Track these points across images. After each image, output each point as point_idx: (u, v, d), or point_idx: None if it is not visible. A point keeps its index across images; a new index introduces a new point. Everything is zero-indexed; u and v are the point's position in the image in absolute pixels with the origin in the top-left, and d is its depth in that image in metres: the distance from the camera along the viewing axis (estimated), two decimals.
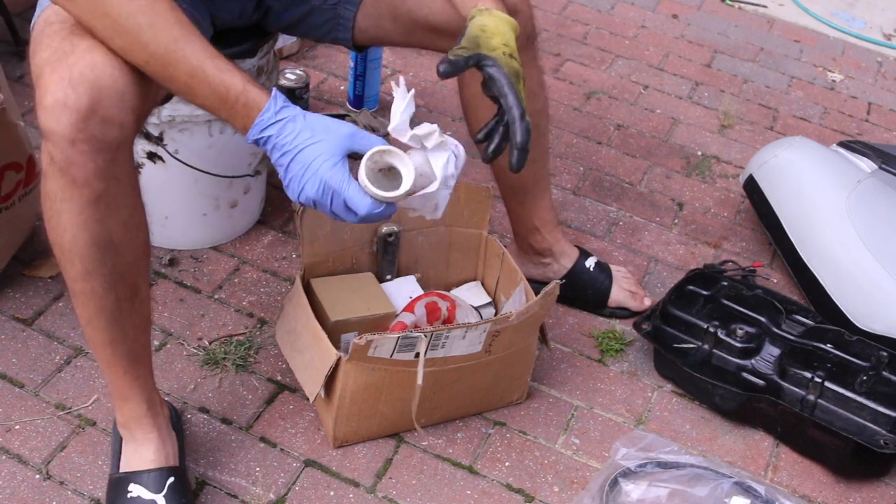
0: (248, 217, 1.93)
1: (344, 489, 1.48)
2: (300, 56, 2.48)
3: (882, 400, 1.60)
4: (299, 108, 1.15)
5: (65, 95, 1.10)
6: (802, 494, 1.58)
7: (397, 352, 1.41)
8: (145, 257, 1.28)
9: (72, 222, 1.16)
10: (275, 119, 1.13)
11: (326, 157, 1.12)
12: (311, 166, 1.12)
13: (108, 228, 1.18)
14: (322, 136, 1.13)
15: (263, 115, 1.13)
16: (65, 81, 1.10)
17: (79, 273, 1.21)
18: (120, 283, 1.24)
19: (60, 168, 1.13)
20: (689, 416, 1.69)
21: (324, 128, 1.14)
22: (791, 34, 3.01)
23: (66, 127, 1.10)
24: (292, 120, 1.13)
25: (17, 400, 1.55)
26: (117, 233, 1.19)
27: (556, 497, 1.52)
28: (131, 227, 1.22)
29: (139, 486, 1.35)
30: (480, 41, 1.23)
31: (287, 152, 1.13)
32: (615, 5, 3.00)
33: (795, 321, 1.76)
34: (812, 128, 2.56)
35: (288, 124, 1.13)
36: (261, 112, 1.13)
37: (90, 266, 1.20)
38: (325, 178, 1.12)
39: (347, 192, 1.13)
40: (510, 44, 1.25)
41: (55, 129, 1.10)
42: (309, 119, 1.14)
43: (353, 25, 1.58)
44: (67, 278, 1.23)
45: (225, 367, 1.65)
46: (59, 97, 1.10)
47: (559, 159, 2.26)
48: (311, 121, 1.14)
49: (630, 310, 1.85)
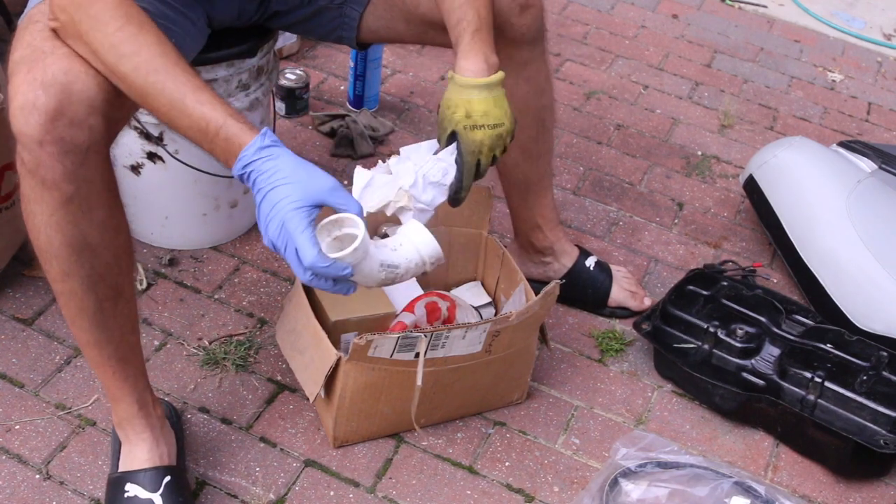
0: (248, 217, 1.93)
1: (344, 489, 1.48)
2: (300, 56, 2.48)
3: (882, 400, 1.60)
4: (287, 150, 1.11)
5: (35, 97, 1.10)
6: (802, 494, 1.58)
7: (397, 352, 1.41)
8: (127, 258, 1.27)
9: (45, 223, 1.17)
10: (257, 156, 1.09)
11: (294, 199, 1.08)
12: (277, 205, 1.08)
13: (81, 230, 1.18)
14: (298, 179, 1.09)
15: (247, 150, 1.10)
16: (37, 82, 1.10)
17: (57, 274, 1.21)
18: (100, 284, 1.23)
19: (30, 169, 1.13)
20: (689, 416, 1.69)
21: (305, 172, 1.10)
22: (791, 34, 3.01)
23: (34, 128, 1.10)
24: (274, 158, 1.09)
25: (17, 400, 1.55)
26: (92, 235, 1.19)
27: (556, 497, 1.52)
28: (108, 229, 1.21)
29: (136, 485, 1.36)
30: (445, 117, 1.32)
31: (260, 189, 1.09)
32: (615, 5, 3.00)
33: (795, 321, 1.76)
34: (812, 128, 2.56)
35: (268, 161, 1.09)
36: (244, 147, 1.10)
37: (66, 267, 1.20)
38: (284, 220, 1.07)
39: (299, 238, 1.07)
40: (471, 112, 1.31)
41: (23, 130, 1.10)
42: (293, 161, 1.10)
43: (358, 25, 1.57)
44: (48, 279, 1.23)
45: (225, 367, 1.65)
46: (29, 98, 1.10)
47: (559, 159, 2.26)
48: (293, 162, 1.10)
49: (630, 310, 1.85)
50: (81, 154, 1.13)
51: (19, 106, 1.10)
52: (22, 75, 1.11)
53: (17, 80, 1.12)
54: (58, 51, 1.13)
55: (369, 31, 1.59)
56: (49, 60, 1.11)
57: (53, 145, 1.11)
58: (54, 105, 1.10)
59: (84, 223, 1.17)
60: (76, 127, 1.11)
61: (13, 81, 1.12)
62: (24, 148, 1.12)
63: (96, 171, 1.16)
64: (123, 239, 1.25)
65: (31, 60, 1.12)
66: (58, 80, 1.10)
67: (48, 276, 1.23)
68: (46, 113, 1.09)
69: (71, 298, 1.24)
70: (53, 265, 1.20)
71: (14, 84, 1.12)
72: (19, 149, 1.13)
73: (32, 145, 1.11)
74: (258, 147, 1.10)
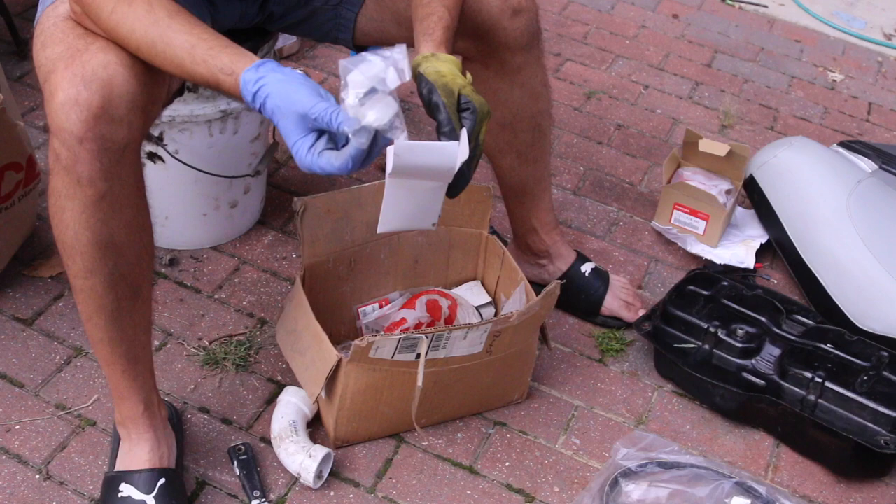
0: (248, 217, 1.93)
1: (344, 489, 1.48)
2: (300, 56, 2.48)
3: (882, 400, 1.60)
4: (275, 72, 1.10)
5: (77, 92, 1.10)
6: (803, 495, 1.58)
7: (398, 353, 1.41)
8: (148, 258, 1.28)
9: (74, 220, 1.17)
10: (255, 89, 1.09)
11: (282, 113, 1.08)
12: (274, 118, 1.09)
13: (110, 228, 1.18)
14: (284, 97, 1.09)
15: (245, 92, 1.10)
16: (77, 78, 1.10)
17: (80, 270, 1.21)
18: (121, 282, 1.24)
19: (65, 166, 1.13)
20: (689, 416, 1.69)
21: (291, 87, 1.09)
22: (791, 34, 3.01)
23: (76, 124, 1.10)
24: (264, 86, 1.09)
25: (17, 400, 1.55)
26: (119, 233, 1.20)
27: (557, 497, 1.52)
28: (134, 229, 1.22)
29: (130, 485, 1.36)
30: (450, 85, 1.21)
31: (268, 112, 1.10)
32: (615, 5, 3.00)
33: (796, 321, 1.76)
34: (812, 128, 2.55)
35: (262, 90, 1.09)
36: (242, 92, 1.10)
37: (91, 264, 1.20)
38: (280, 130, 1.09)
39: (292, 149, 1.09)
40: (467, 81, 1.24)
41: (64, 126, 1.10)
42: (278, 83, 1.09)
43: (353, 26, 1.57)
44: (69, 274, 1.23)
45: (225, 367, 1.64)
46: (72, 94, 1.10)
47: (559, 159, 2.26)
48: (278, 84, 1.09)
49: (623, 320, 1.83)
50: (119, 152, 1.14)
51: (61, 102, 1.10)
52: (61, 71, 1.11)
53: (56, 76, 1.12)
54: (91, 45, 1.13)
55: (363, 33, 1.59)
56: (86, 56, 1.12)
57: (93, 142, 1.11)
58: (98, 102, 1.10)
59: (114, 222, 1.18)
60: (117, 124, 1.12)
61: (52, 78, 1.12)
62: (62, 144, 1.12)
63: (130, 170, 1.17)
64: (147, 239, 1.26)
65: (69, 56, 1.12)
66: (98, 75, 1.10)
67: (69, 271, 1.23)
68: (90, 109, 1.10)
69: (91, 296, 1.24)
70: (77, 261, 1.20)
71: (54, 80, 1.12)
72: (56, 144, 1.12)
73: (72, 142, 1.11)
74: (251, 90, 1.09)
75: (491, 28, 1.49)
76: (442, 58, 1.26)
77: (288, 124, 1.08)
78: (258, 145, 1.83)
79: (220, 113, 1.70)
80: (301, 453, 1.45)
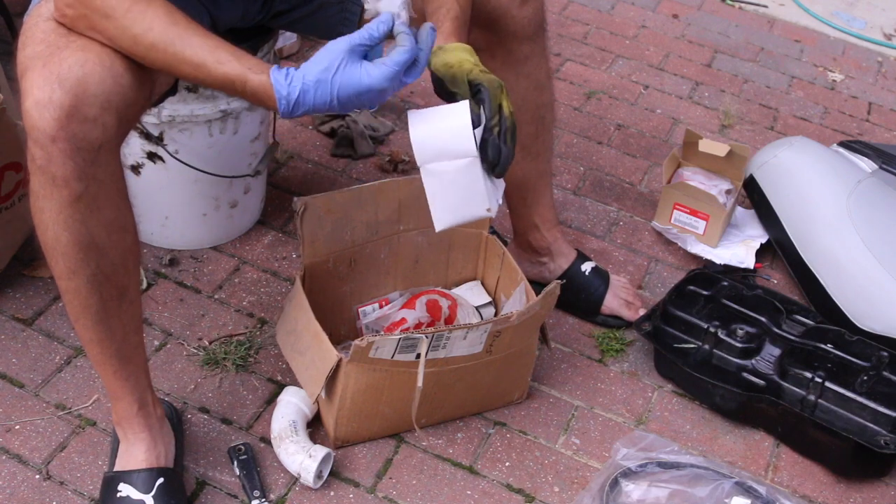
0: (248, 217, 1.93)
1: (344, 489, 1.48)
2: (300, 56, 2.48)
3: (882, 400, 1.60)
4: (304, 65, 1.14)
5: (51, 91, 1.09)
6: (803, 495, 1.58)
7: (398, 353, 1.41)
8: (133, 258, 1.26)
9: (53, 221, 1.16)
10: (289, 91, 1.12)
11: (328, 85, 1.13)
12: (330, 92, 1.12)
13: (89, 229, 1.17)
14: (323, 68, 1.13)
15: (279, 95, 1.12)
16: (53, 76, 1.10)
17: (63, 271, 1.21)
18: (105, 283, 1.23)
19: (40, 166, 1.13)
20: (689, 416, 1.69)
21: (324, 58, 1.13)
22: (791, 34, 3.01)
23: (49, 123, 1.09)
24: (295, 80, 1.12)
25: (17, 400, 1.55)
26: (100, 234, 1.19)
27: (557, 497, 1.52)
28: (116, 229, 1.21)
29: (128, 485, 1.35)
30: (457, 74, 1.25)
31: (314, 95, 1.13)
32: (615, 5, 3.00)
33: (796, 321, 1.76)
34: (812, 128, 2.55)
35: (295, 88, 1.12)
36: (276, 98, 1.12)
37: (73, 265, 1.20)
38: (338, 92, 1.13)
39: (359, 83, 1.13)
40: (478, 62, 1.28)
41: (38, 125, 1.10)
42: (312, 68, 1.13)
43: (358, 21, 1.57)
44: (54, 275, 1.23)
45: (225, 367, 1.64)
46: (46, 92, 1.09)
47: (559, 159, 2.26)
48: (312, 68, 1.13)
49: (624, 319, 1.83)
50: (93, 152, 1.13)
51: (34, 102, 1.10)
52: (37, 70, 1.11)
53: (32, 75, 1.11)
54: (72, 44, 1.12)
55: None
56: (65, 54, 1.11)
57: (66, 142, 1.10)
58: (70, 101, 1.09)
59: (92, 222, 1.17)
60: (90, 124, 1.11)
61: (28, 77, 1.12)
62: (35, 144, 1.11)
63: (106, 170, 1.16)
64: (131, 239, 1.25)
65: (47, 55, 1.12)
66: (73, 73, 1.10)
67: (54, 272, 1.22)
68: (62, 108, 1.09)
69: (75, 296, 1.23)
70: (59, 262, 1.20)
71: (29, 79, 1.11)
72: (30, 145, 1.12)
73: (45, 141, 1.10)
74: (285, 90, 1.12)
75: (500, 16, 1.49)
76: (449, 48, 1.28)
77: (347, 67, 1.12)
78: (258, 145, 1.83)
79: (220, 113, 1.70)
80: (301, 453, 1.45)
